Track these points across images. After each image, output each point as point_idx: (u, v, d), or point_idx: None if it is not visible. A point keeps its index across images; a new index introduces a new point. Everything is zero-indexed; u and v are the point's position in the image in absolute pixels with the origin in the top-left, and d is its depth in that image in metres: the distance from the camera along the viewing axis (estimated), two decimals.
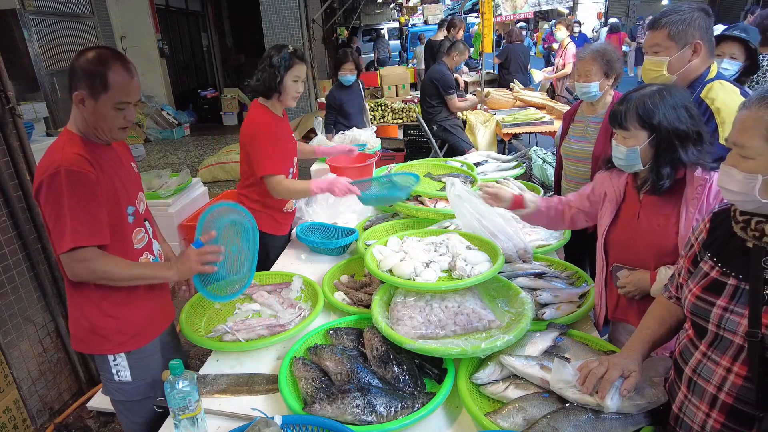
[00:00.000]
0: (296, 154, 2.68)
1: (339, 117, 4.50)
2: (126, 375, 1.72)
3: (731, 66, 2.54)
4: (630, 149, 1.55)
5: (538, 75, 7.82)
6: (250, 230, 1.82)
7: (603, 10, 20.51)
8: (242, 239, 1.80)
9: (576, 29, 9.24)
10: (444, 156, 5.12)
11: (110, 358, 1.69)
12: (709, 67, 1.88)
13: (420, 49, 11.21)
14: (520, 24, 10.98)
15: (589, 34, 13.07)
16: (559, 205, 1.90)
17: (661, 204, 1.59)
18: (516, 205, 1.85)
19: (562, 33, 7.31)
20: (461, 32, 6.86)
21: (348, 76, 4.37)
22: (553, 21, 10.36)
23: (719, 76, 1.87)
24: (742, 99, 1.59)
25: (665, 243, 1.56)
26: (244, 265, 1.78)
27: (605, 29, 12.96)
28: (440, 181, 2.68)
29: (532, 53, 10.18)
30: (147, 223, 1.78)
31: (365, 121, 4.91)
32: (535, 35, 18.01)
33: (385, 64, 13.93)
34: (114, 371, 1.71)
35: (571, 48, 7.20)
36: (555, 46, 8.67)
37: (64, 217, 1.46)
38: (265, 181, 2.39)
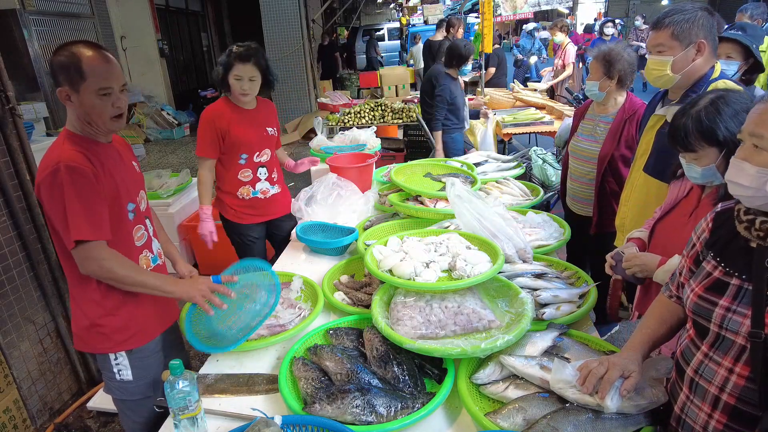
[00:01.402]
0: (269, 146, 2.70)
1: (448, 113, 4.36)
2: (127, 374, 1.72)
3: (727, 66, 2.52)
4: (705, 169, 1.49)
5: (546, 78, 7.84)
6: (267, 305, 1.76)
7: (603, 10, 20.47)
8: (256, 306, 1.75)
9: (610, 31, 9.17)
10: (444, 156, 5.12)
11: (111, 356, 1.69)
12: (713, 67, 1.88)
13: (415, 49, 11.20)
14: (529, 25, 10.86)
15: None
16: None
17: None
18: None
19: (559, 37, 7.31)
20: (461, 30, 6.84)
21: (469, 66, 4.33)
22: (547, 25, 10.16)
23: (722, 75, 1.87)
24: None
25: None
26: (239, 328, 1.70)
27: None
28: (440, 181, 2.68)
29: (545, 55, 10.16)
30: (147, 221, 1.78)
31: (467, 117, 4.73)
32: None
33: (374, 65, 14.00)
34: (115, 370, 1.71)
35: (570, 49, 7.20)
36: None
37: (68, 213, 1.47)
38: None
